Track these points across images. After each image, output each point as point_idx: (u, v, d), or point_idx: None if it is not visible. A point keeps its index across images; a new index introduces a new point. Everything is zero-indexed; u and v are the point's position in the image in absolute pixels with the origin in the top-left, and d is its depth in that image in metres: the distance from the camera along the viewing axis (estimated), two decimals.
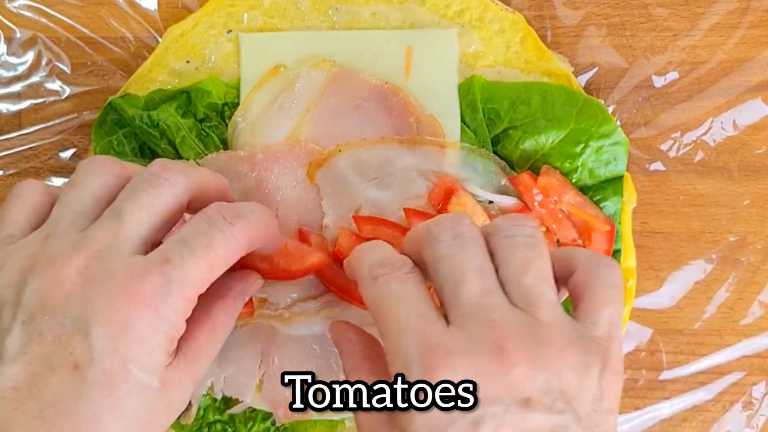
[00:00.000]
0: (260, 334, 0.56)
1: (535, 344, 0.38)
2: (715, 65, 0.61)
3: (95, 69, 0.61)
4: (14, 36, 0.61)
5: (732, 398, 0.59)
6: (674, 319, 0.60)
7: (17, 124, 0.61)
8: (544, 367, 0.37)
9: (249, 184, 0.56)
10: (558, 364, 0.38)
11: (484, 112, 0.58)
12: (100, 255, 0.41)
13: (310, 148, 0.57)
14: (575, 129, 0.56)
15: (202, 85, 0.57)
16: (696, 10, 0.61)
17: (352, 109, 0.58)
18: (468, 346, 0.38)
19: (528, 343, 0.38)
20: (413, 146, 0.57)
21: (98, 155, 0.45)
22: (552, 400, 0.37)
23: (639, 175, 0.60)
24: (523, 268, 0.40)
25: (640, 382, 0.60)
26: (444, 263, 0.41)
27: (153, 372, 0.40)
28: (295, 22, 0.60)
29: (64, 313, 0.39)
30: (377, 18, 0.60)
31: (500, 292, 0.40)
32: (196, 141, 0.57)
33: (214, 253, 0.42)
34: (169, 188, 0.43)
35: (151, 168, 0.44)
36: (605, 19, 0.61)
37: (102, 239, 0.41)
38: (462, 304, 0.39)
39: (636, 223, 0.59)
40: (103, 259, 0.41)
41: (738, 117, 0.61)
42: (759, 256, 0.60)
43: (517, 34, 0.59)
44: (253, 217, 0.44)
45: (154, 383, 0.41)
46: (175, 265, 0.41)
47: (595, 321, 0.40)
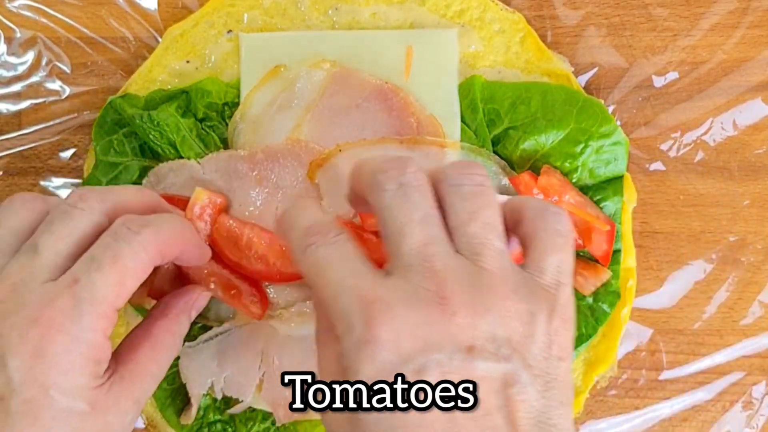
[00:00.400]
0: (260, 334, 0.56)
1: (477, 292, 0.37)
2: (715, 65, 0.61)
3: (95, 69, 0.61)
4: (14, 36, 0.61)
5: (732, 398, 0.59)
6: (674, 319, 0.60)
7: (17, 124, 0.61)
8: (486, 314, 0.37)
9: (249, 183, 0.56)
10: (502, 312, 0.37)
11: (484, 112, 0.58)
12: (14, 288, 0.41)
13: (310, 147, 0.57)
14: (575, 129, 0.56)
15: (202, 85, 0.57)
16: (696, 10, 0.61)
17: (352, 109, 0.58)
18: (408, 297, 0.37)
19: (470, 291, 0.37)
20: (413, 146, 0.57)
21: (20, 193, 0.46)
22: (497, 347, 0.37)
23: (639, 175, 0.60)
24: (470, 216, 0.40)
25: (640, 382, 0.60)
26: (388, 213, 0.40)
27: (77, 396, 0.40)
28: (295, 22, 0.60)
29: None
30: (377, 18, 0.60)
31: (445, 242, 0.39)
32: (196, 141, 0.57)
33: (122, 265, 0.42)
34: (85, 217, 0.44)
35: (68, 199, 0.44)
36: (605, 19, 0.61)
37: (17, 273, 0.42)
38: (403, 255, 0.39)
39: (636, 223, 0.59)
40: (17, 292, 0.41)
41: (738, 117, 0.61)
42: (759, 256, 0.60)
43: (517, 34, 0.59)
44: (163, 225, 0.44)
45: (80, 406, 0.40)
46: (83, 284, 0.41)
47: (541, 269, 0.40)
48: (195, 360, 0.56)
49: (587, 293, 0.56)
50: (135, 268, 0.42)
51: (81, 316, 0.40)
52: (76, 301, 0.40)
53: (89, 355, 0.41)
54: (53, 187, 0.61)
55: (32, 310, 0.40)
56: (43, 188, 0.61)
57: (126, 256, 0.42)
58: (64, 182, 0.61)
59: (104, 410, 0.41)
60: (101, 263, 0.41)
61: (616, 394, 0.60)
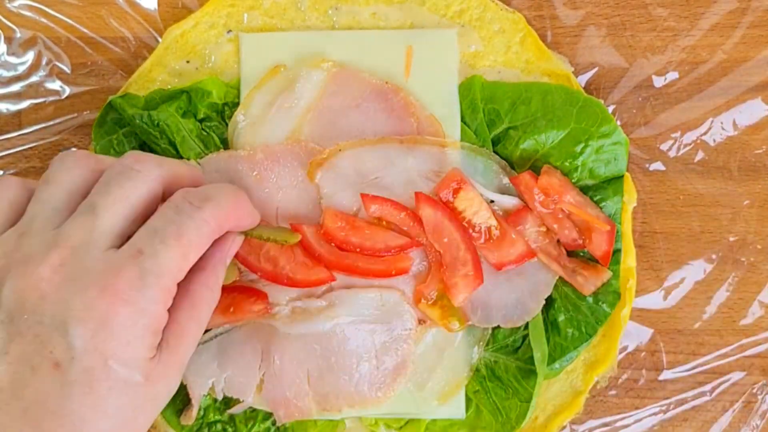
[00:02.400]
0: (260, 334, 0.56)
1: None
2: (715, 65, 0.61)
3: (95, 69, 0.61)
4: (14, 36, 0.61)
5: (732, 398, 0.59)
6: (674, 319, 0.60)
7: (17, 124, 0.61)
8: None
9: (249, 183, 0.56)
10: None
11: (484, 112, 0.58)
12: (75, 252, 0.41)
13: (310, 147, 0.57)
14: (575, 129, 0.56)
15: (203, 85, 0.57)
16: (696, 10, 0.61)
17: (352, 109, 0.58)
18: None
19: None
20: (414, 146, 0.57)
21: (72, 150, 0.45)
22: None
23: (639, 175, 0.60)
24: None
25: (640, 382, 0.60)
26: None
27: (135, 367, 0.41)
28: (295, 22, 0.60)
29: (42, 312, 0.40)
30: (377, 18, 0.60)
31: None
32: (196, 141, 0.57)
33: (187, 240, 0.42)
34: (142, 180, 0.44)
35: (124, 160, 0.44)
36: (605, 19, 0.61)
37: (76, 236, 0.41)
38: None
39: (636, 223, 0.59)
40: (78, 256, 0.41)
41: (738, 117, 0.61)
42: (759, 256, 0.60)
43: (517, 34, 0.59)
44: (222, 198, 0.45)
45: (136, 378, 0.41)
46: (147, 256, 0.41)
47: None
48: (195, 361, 0.56)
49: (587, 293, 0.56)
50: (198, 243, 0.43)
51: (145, 287, 0.40)
52: (141, 272, 0.40)
53: (150, 326, 0.41)
54: None
55: (96, 278, 0.40)
56: None
57: (190, 231, 0.42)
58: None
59: (156, 380, 0.42)
60: (165, 237, 0.42)
61: (616, 394, 0.60)
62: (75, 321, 0.39)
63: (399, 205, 0.56)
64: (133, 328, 0.40)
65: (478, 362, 0.57)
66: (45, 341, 0.39)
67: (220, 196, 0.45)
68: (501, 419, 0.56)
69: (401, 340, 0.56)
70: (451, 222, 0.55)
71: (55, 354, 0.39)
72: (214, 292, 0.47)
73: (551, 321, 0.57)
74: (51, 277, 0.40)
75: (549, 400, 0.58)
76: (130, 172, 0.44)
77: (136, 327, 0.40)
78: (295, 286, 0.55)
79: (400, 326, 0.56)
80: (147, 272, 0.41)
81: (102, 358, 0.39)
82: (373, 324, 0.56)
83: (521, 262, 0.56)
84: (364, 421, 0.58)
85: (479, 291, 0.55)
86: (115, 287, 0.40)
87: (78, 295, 0.40)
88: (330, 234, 0.55)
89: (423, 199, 0.55)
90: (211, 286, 0.47)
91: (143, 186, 0.44)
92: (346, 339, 0.55)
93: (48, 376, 0.39)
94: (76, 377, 0.39)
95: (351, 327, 0.56)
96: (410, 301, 0.56)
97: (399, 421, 0.58)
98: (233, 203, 0.46)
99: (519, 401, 0.56)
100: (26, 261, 0.41)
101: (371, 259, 0.55)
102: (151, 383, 0.41)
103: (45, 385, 0.39)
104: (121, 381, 0.40)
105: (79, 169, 0.45)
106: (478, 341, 0.57)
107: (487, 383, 0.57)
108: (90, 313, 0.39)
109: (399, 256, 0.56)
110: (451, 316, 0.56)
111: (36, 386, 0.39)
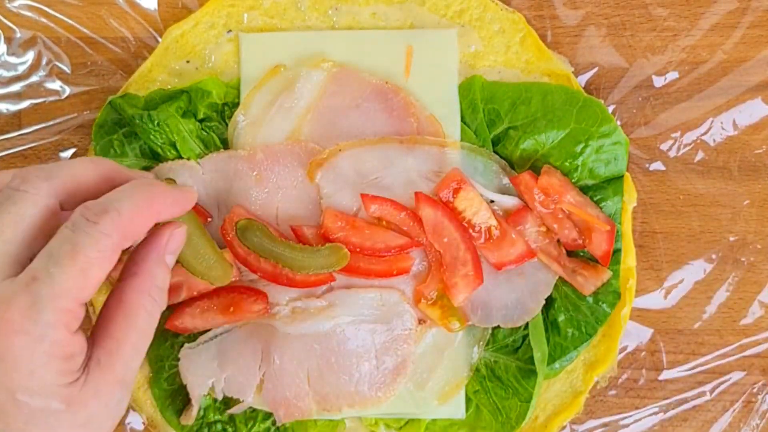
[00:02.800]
0: (260, 334, 0.56)
1: None
2: (715, 65, 0.61)
3: (95, 69, 0.61)
4: (14, 36, 0.61)
5: (732, 398, 0.59)
6: (674, 319, 0.60)
7: (17, 124, 0.61)
8: None
9: (249, 183, 0.56)
10: None
11: (484, 112, 0.58)
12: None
13: (310, 147, 0.57)
14: (575, 129, 0.56)
15: (202, 85, 0.57)
16: (696, 10, 0.61)
17: (352, 109, 0.58)
18: None
19: None
20: (414, 146, 0.57)
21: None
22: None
23: (639, 175, 0.60)
24: None
25: (640, 382, 0.60)
26: None
27: (49, 395, 0.39)
28: (295, 22, 0.60)
29: None
30: (377, 18, 0.60)
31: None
32: (196, 141, 0.57)
33: (83, 257, 0.39)
34: (30, 200, 0.41)
35: (12, 183, 0.42)
36: (605, 19, 0.61)
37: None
38: None
39: (636, 223, 0.59)
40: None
41: (738, 117, 0.61)
42: (759, 256, 0.60)
43: (517, 34, 0.59)
44: (124, 204, 0.41)
45: (54, 405, 0.39)
46: (42, 281, 0.39)
47: None
48: (195, 361, 0.56)
49: (587, 293, 0.56)
50: (100, 257, 0.40)
51: (39, 313, 0.38)
52: (34, 298, 0.38)
53: (54, 352, 0.39)
54: None
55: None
56: None
57: (87, 247, 0.40)
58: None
59: (83, 404, 0.40)
60: (59, 257, 0.39)
61: (616, 394, 0.60)
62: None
63: (399, 205, 0.56)
64: (33, 357, 0.38)
65: (478, 362, 0.57)
66: None
67: (121, 202, 0.42)
68: (501, 419, 0.56)
69: (401, 340, 0.56)
70: (451, 222, 0.55)
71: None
72: (154, 295, 0.44)
73: (551, 321, 0.57)
74: None
75: (549, 400, 0.58)
76: (16, 195, 0.41)
77: (35, 355, 0.38)
78: (295, 286, 0.55)
79: (400, 326, 0.56)
80: (40, 298, 0.38)
81: (9, 393, 0.38)
82: (373, 324, 0.56)
83: (521, 262, 0.56)
84: (364, 421, 0.58)
85: (479, 291, 0.55)
86: (8, 320, 0.38)
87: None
88: (330, 234, 0.55)
89: (423, 199, 0.55)
90: (147, 289, 0.44)
91: (32, 207, 0.41)
92: (346, 339, 0.55)
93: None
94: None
95: (351, 327, 0.56)
96: (410, 301, 0.56)
97: (399, 421, 0.58)
98: (140, 206, 0.42)
99: (519, 401, 0.56)
100: None
101: (371, 259, 0.55)
102: (79, 408, 0.39)
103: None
104: (37, 412, 0.38)
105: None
106: (478, 341, 0.57)
107: (487, 383, 0.57)
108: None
109: (399, 256, 0.56)
110: (451, 316, 0.56)
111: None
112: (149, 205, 0.43)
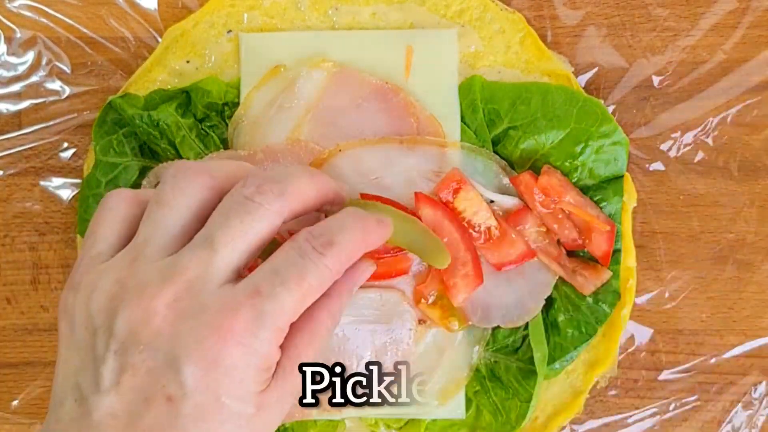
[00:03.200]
0: None
1: None
2: (715, 65, 0.61)
3: (95, 69, 0.61)
4: (14, 36, 0.61)
5: (732, 398, 0.59)
6: (674, 319, 0.60)
7: (17, 124, 0.61)
8: None
9: None
10: None
11: (484, 112, 0.58)
12: (190, 286, 0.40)
13: (310, 147, 0.57)
14: (575, 129, 0.56)
15: (202, 85, 0.57)
16: (696, 10, 0.61)
17: (352, 109, 0.58)
18: None
19: None
20: (414, 146, 0.57)
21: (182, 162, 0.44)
22: None
23: (639, 175, 0.60)
24: None
25: (640, 382, 0.60)
26: None
27: (246, 400, 0.41)
28: (295, 22, 0.60)
29: (156, 348, 0.39)
30: (377, 18, 0.60)
31: None
32: (196, 141, 0.57)
33: (307, 284, 0.41)
34: (263, 214, 0.42)
35: (245, 190, 0.42)
36: (605, 19, 0.61)
37: (193, 269, 0.40)
38: None
39: (636, 223, 0.59)
40: (194, 292, 0.40)
41: (738, 117, 0.61)
42: (759, 256, 0.60)
43: (517, 34, 0.59)
44: (346, 240, 0.43)
45: (248, 410, 0.41)
46: (266, 297, 0.40)
47: None
48: None
49: (587, 293, 0.56)
50: (318, 287, 0.42)
51: (260, 329, 0.40)
52: (258, 314, 0.40)
53: (261, 365, 0.41)
54: (53, 187, 0.61)
55: (211, 316, 0.39)
56: (42, 188, 0.61)
57: (311, 277, 0.41)
58: (64, 182, 0.61)
59: (268, 409, 0.42)
60: (286, 279, 0.41)
61: (616, 394, 0.60)
62: (187, 360, 0.39)
63: (397, 204, 0.56)
64: (246, 368, 0.40)
65: (478, 362, 0.57)
66: (158, 375, 0.39)
67: (344, 236, 0.43)
68: (501, 419, 0.56)
69: (401, 340, 0.56)
70: (451, 222, 0.55)
71: (167, 389, 0.39)
72: (335, 319, 0.46)
73: (551, 321, 0.57)
74: (165, 313, 0.40)
75: (549, 400, 0.58)
76: (251, 205, 0.42)
77: (249, 367, 0.40)
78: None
79: (400, 326, 0.56)
80: (264, 314, 0.40)
81: (214, 395, 0.39)
82: (373, 324, 0.56)
83: (521, 262, 0.56)
84: (364, 421, 0.58)
85: (479, 291, 0.55)
86: (231, 329, 0.39)
87: (191, 334, 0.39)
88: None
89: (423, 199, 0.55)
90: (333, 313, 0.45)
91: (263, 221, 0.42)
92: (346, 339, 0.55)
93: (161, 408, 0.39)
94: (188, 411, 0.39)
95: (351, 327, 0.56)
96: (410, 301, 0.56)
97: (399, 421, 0.58)
98: (357, 241, 0.44)
99: (519, 401, 0.56)
100: (140, 292, 0.40)
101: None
102: (264, 412, 0.41)
103: (159, 417, 0.39)
104: (234, 414, 0.40)
105: (193, 189, 0.43)
106: (478, 341, 0.57)
107: (487, 383, 0.57)
108: (203, 353, 0.39)
109: (398, 257, 0.56)
110: (451, 316, 0.56)
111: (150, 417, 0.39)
112: (363, 240, 0.45)
